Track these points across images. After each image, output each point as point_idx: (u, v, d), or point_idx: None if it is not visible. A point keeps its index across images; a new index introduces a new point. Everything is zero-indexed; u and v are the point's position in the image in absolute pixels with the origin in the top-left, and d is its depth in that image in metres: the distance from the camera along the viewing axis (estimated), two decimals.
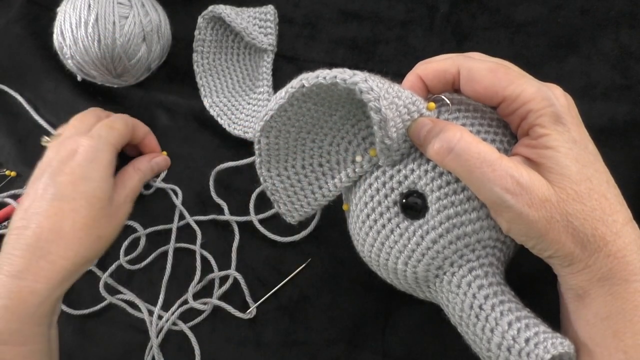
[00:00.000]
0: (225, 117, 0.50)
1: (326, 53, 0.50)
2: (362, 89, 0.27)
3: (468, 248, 0.30)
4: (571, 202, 0.27)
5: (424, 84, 0.33)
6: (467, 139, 0.28)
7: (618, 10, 0.46)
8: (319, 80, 0.28)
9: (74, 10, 0.46)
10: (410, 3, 0.50)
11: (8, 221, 0.49)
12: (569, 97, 0.30)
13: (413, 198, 0.31)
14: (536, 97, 0.29)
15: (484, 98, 0.31)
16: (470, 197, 0.30)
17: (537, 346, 0.26)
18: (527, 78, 0.30)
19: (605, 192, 0.28)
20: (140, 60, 0.48)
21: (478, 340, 0.29)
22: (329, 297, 0.44)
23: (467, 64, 0.31)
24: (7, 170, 0.51)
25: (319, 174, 0.35)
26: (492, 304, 0.28)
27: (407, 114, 0.30)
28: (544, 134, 0.28)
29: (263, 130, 0.32)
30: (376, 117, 0.28)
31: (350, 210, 0.35)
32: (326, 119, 0.33)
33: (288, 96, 0.30)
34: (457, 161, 0.28)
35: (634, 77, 0.44)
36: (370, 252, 0.33)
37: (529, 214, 0.27)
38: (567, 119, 0.28)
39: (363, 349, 0.42)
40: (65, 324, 0.46)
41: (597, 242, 0.27)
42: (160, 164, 0.50)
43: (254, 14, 0.51)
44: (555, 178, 0.27)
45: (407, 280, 0.32)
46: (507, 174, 0.27)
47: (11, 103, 0.54)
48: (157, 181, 0.49)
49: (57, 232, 0.38)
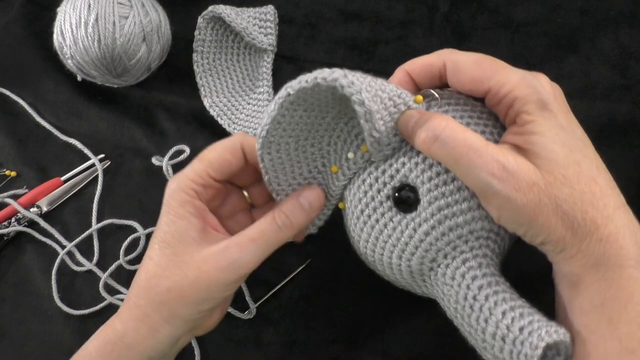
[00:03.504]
0: (225, 117, 0.50)
1: (326, 53, 0.50)
2: (343, 84, 0.28)
3: (461, 239, 0.30)
4: (559, 186, 0.27)
5: (411, 79, 0.33)
6: (452, 127, 0.28)
7: (618, 10, 0.46)
8: (301, 84, 0.29)
9: (74, 10, 0.46)
10: (410, 3, 0.50)
11: (8, 221, 0.49)
12: (555, 85, 0.30)
13: (405, 191, 0.31)
14: (521, 85, 0.29)
15: (470, 89, 0.31)
16: (460, 187, 0.30)
17: (532, 334, 0.26)
18: (511, 68, 0.30)
19: (595, 176, 0.28)
20: (140, 60, 0.48)
21: (473, 332, 0.29)
22: (329, 297, 0.44)
23: (453, 56, 0.31)
24: (7, 170, 0.51)
25: (324, 174, 0.35)
26: (486, 294, 0.28)
27: (393, 107, 0.30)
28: (530, 121, 0.28)
29: (263, 147, 0.32)
30: (360, 109, 0.28)
31: (345, 208, 0.35)
32: (320, 122, 0.33)
33: (277, 107, 0.30)
34: (444, 149, 0.28)
35: (634, 77, 0.44)
36: (365, 247, 0.33)
37: (516, 198, 0.26)
38: (554, 106, 0.28)
39: (363, 349, 0.42)
40: (65, 324, 0.46)
41: (587, 226, 0.27)
42: (313, 203, 0.35)
43: (254, 14, 0.51)
44: (542, 163, 0.27)
45: (403, 275, 0.33)
46: (493, 160, 0.27)
47: (11, 103, 0.54)
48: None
49: (135, 279, 0.34)
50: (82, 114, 0.52)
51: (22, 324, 0.47)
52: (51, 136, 0.52)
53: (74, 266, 0.48)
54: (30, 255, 0.49)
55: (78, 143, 0.51)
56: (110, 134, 0.51)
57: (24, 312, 0.47)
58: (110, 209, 0.49)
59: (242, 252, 0.32)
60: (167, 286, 0.32)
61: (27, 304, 0.47)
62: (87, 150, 0.51)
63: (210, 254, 0.32)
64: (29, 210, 0.49)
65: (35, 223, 0.49)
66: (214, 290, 0.33)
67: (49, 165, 0.52)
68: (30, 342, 0.46)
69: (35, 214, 0.49)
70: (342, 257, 0.44)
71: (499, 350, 0.27)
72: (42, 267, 0.48)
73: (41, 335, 0.46)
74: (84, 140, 0.51)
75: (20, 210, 0.49)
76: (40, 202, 0.50)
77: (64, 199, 0.50)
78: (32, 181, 0.51)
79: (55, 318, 0.46)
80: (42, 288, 0.47)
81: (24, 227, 0.49)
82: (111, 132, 0.51)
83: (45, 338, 0.46)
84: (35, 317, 0.47)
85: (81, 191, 0.51)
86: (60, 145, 0.52)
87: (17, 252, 0.49)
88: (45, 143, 0.52)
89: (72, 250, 0.48)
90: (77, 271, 0.48)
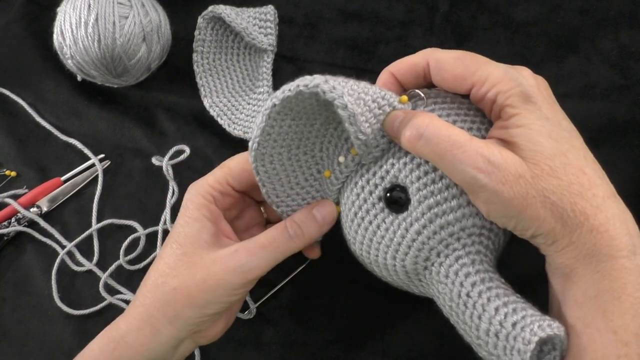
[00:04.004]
0: (225, 117, 0.50)
1: (326, 53, 0.50)
2: (324, 90, 0.28)
3: (453, 237, 0.30)
4: (546, 177, 0.27)
5: (396, 80, 0.33)
6: (435, 124, 0.28)
7: (617, 10, 0.46)
8: (285, 94, 0.29)
9: (74, 10, 0.46)
10: (410, 3, 0.50)
11: (8, 221, 0.49)
12: (539, 78, 0.30)
13: (396, 192, 0.31)
14: (503, 79, 0.29)
15: (453, 85, 0.31)
16: (449, 185, 0.30)
17: (524, 329, 0.26)
18: (494, 63, 0.30)
19: (583, 166, 0.28)
20: (140, 60, 0.48)
21: (468, 329, 0.29)
22: (329, 297, 0.44)
23: (435, 55, 0.32)
24: (7, 170, 0.51)
25: (320, 180, 0.35)
26: (479, 291, 0.28)
27: (377, 108, 0.30)
28: (514, 114, 0.28)
29: (256, 159, 0.33)
30: (344, 113, 0.28)
31: (340, 211, 0.35)
32: (309, 130, 0.33)
33: (265, 118, 0.31)
34: (428, 146, 0.28)
35: (634, 77, 0.44)
36: (361, 249, 0.34)
37: (503, 191, 0.26)
38: (537, 98, 0.28)
39: (363, 349, 0.42)
40: (65, 324, 0.46)
41: (577, 217, 0.26)
42: (326, 217, 0.35)
43: (254, 14, 0.51)
44: (528, 155, 0.27)
45: (399, 275, 0.33)
46: (477, 154, 0.27)
47: (11, 103, 0.54)
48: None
49: (144, 278, 0.35)
50: (82, 114, 0.52)
51: (22, 324, 0.47)
52: (51, 136, 0.52)
53: (74, 266, 0.48)
54: (30, 255, 0.49)
55: (78, 143, 0.51)
56: (110, 134, 0.51)
57: (24, 312, 0.47)
58: (110, 209, 0.49)
59: (251, 256, 0.33)
60: (174, 285, 0.33)
61: (27, 304, 0.47)
62: (87, 150, 0.51)
63: (220, 257, 0.33)
64: (29, 210, 0.49)
65: (35, 223, 0.49)
66: (220, 293, 0.33)
67: (49, 165, 0.52)
68: (30, 342, 0.46)
69: (35, 214, 0.49)
70: (342, 257, 0.44)
71: (493, 346, 0.27)
72: (42, 267, 0.48)
73: (41, 335, 0.46)
74: (84, 140, 0.51)
75: (20, 210, 0.49)
76: (40, 202, 0.50)
77: (64, 199, 0.50)
78: (32, 181, 0.51)
79: (55, 318, 0.46)
80: (42, 288, 0.47)
81: (24, 227, 0.49)
82: (111, 132, 0.52)
83: (45, 338, 0.46)
84: (35, 317, 0.47)
85: (81, 191, 0.51)
86: (60, 145, 0.52)
87: (17, 252, 0.49)
88: (45, 143, 0.52)
89: (72, 250, 0.48)
90: (77, 271, 0.48)
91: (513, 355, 0.26)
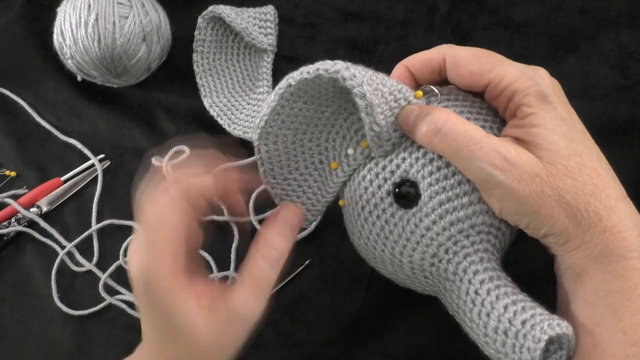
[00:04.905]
0: (225, 117, 0.50)
1: (326, 53, 0.50)
2: (345, 76, 0.28)
3: (462, 234, 0.30)
4: (561, 177, 0.27)
5: (411, 74, 0.33)
6: (453, 120, 0.28)
7: (617, 10, 0.46)
8: (303, 76, 0.29)
9: (74, 10, 0.46)
10: (410, 3, 0.50)
11: (8, 221, 0.49)
12: (554, 79, 0.30)
13: (406, 187, 0.31)
14: (521, 78, 0.29)
15: (469, 82, 0.31)
16: (461, 181, 0.30)
17: (534, 328, 0.26)
18: (510, 61, 0.30)
19: (597, 167, 0.28)
20: (140, 60, 0.48)
21: (475, 327, 0.29)
22: (328, 297, 0.44)
23: (452, 51, 0.32)
24: (7, 170, 0.51)
25: (321, 171, 0.35)
26: (488, 289, 0.28)
27: (393, 101, 0.30)
28: (530, 113, 0.28)
29: (261, 137, 0.32)
30: (362, 102, 0.28)
31: (345, 205, 0.35)
32: (319, 117, 0.33)
33: (277, 97, 0.30)
34: (445, 141, 0.28)
35: (633, 77, 0.44)
36: (366, 244, 0.33)
37: (519, 188, 0.26)
38: (553, 98, 0.28)
39: (362, 350, 0.42)
40: (65, 325, 0.46)
41: (591, 217, 0.27)
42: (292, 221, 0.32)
43: (254, 14, 0.51)
44: (544, 154, 0.27)
45: (404, 271, 0.32)
46: (494, 151, 0.27)
47: (11, 103, 0.54)
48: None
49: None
50: (82, 114, 0.52)
51: (22, 324, 0.47)
52: (51, 136, 0.52)
53: (74, 266, 0.48)
54: (30, 256, 0.49)
55: (78, 143, 0.51)
56: (110, 134, 0.51)
57: (24, 312, 0.47)
58: (110, 209, 0.49)
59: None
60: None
61: (27, 304, 0.47)
62: (87, 151, 0.51)
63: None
64: (29, 210, 0.49)
65: (35, 223, 0.49)
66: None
67: (48, 165, 0.52)
68: (30, 342, 0.46)
69: (35, 214, 0.49)
70: (342, 257, 0.44)
71: (502, 344, 0.27)
72: (42, 268, 0.48)
73: (41, 335, 0.46)
74: (84, 140, 0.51)
75: (20, 210, 0.49)
76: (40, 202, 0.50)
77: (64, 199, 0.50)
78: (32, 181, 0.51)
79: (55, 318, 0.46)
80: (42, 288, 0.47)
81: (23, 227, 0.49)
82: (111, 132, 0.52)
83: (45, 338, 0.46)
84: (35, 318, 0.47)
85: (81, 191, 0.51)
86: (60, 145, 0.52)
87: (17, 252, 0.49)
88: (45, 143, 0.52)
89: (72, 250, 0.48)
90: (77, 271, 0.48)
91: (522, 353, 0.26)
